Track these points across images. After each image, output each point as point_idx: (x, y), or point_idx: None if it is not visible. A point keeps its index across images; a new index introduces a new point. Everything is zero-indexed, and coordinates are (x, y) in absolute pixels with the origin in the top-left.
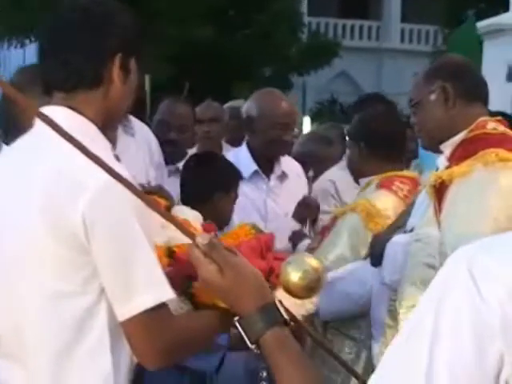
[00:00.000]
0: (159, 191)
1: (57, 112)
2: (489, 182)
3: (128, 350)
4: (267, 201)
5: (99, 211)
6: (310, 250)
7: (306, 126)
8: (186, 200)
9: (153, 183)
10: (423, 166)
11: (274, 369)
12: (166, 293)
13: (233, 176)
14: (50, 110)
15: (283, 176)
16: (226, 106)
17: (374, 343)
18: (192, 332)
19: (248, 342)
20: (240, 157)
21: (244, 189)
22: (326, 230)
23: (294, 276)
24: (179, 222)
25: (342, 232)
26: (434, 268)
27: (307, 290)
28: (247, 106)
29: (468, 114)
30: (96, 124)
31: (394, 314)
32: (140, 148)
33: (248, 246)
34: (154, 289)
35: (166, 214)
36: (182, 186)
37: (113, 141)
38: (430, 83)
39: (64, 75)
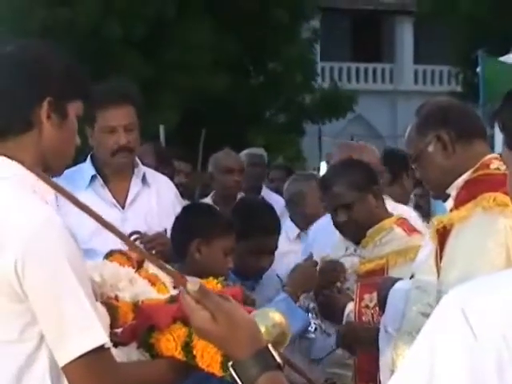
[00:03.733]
0: (157, 239)
1: None
2: (487, 227)
3: None
4: None
5: (30, 259)
6: None
7: (323, 171)
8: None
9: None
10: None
11: None
12: (98, 338)
13: (213, 222)
14: None
15: None
16: (244, 153)
17: None
18: (138, 380)
19: None
20: None
21: None
22: None
23: None
24: (170, 269)
25: None
26: None
27: (271, 344)
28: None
29: (470, 154)
30: (34, 169)
31: None
32: (155, 198)
33: None
34: (86, 334)
35: (157, 260)
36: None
37: (124, 190)
38: (423, 136)
39: None
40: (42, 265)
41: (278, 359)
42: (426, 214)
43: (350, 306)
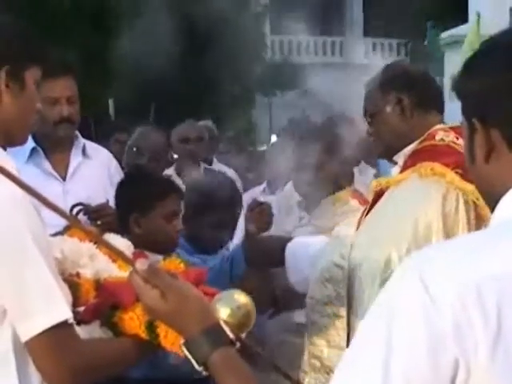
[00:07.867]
0: (101, 210)
1: None
2: (419, 191)
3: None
4: None
5: None
6: None
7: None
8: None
9: (111, 203)
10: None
11: None
12: (62, 313)
13: (145, 193)
14: None
15: None
16: (200, 125)
17: None
18: (101, 356)
19: (195, 365)
20: None
21: None
22: None
23: (223, 313)
24: (118, 249)
25: None
26: (341, 269)
27: (237, 326)
28: None
29: (424, 124)
30: None
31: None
32: (96, 169)
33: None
34: (50, 309)
35: (104, 241)
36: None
37: (64, 162)
38: (385, 94)
39: None
40: (4, 239)
41: (230, 335)
42: None
43: None
